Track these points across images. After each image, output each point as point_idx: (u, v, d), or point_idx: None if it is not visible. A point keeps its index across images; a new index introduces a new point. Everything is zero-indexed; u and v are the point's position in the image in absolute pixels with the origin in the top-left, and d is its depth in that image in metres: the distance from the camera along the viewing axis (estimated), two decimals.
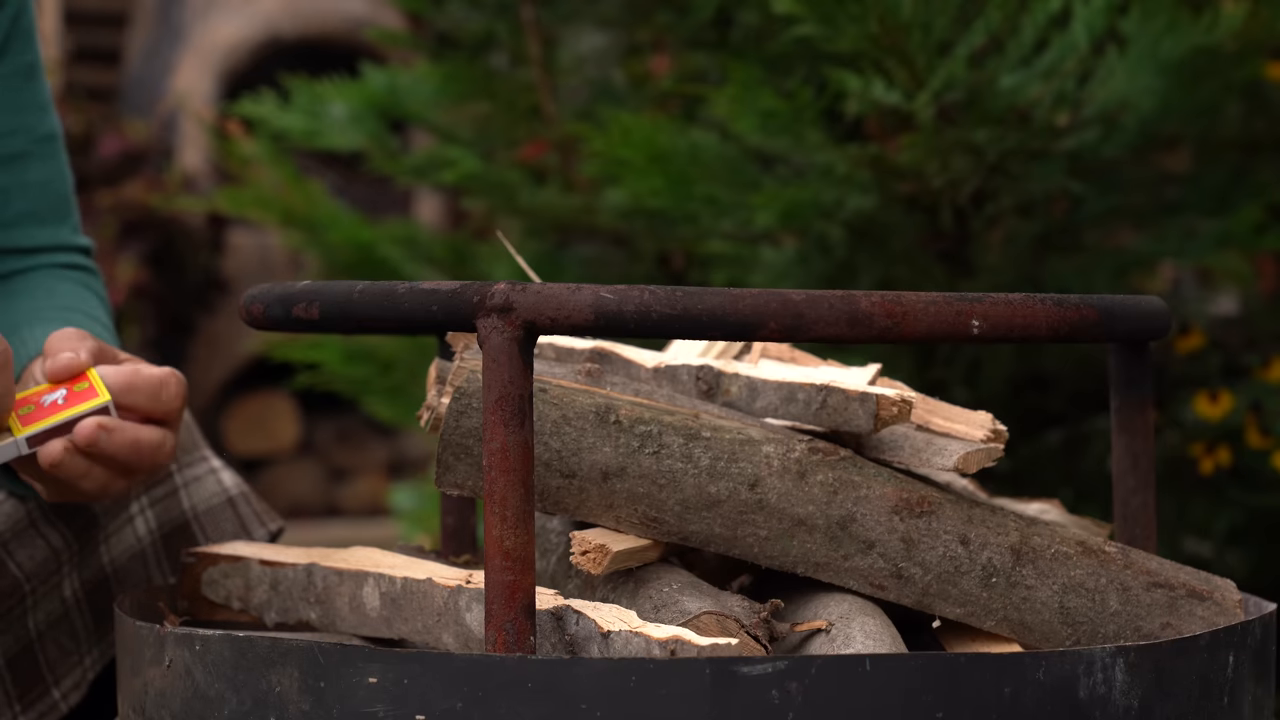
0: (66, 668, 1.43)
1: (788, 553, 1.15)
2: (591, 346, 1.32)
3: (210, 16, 5.56)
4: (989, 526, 1.15)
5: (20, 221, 1.56)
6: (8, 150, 1.54)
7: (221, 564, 1.32)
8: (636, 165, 2.20)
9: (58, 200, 1.59)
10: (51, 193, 1.59)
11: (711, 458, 1.14)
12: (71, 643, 1.44)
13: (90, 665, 1.45)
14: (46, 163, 1.57)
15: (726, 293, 1.05)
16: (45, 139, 1.58)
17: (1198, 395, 2.36)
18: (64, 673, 1.43)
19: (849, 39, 1.98)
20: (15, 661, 1.40)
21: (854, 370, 1.30)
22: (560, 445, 1.14)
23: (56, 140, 1.59)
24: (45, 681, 1.41)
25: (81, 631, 1.45)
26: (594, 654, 1.06)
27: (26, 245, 1.57)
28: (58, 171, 1.59)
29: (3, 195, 1.54)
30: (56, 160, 1.59)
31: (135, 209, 4.95)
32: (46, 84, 1.59)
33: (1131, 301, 1.17)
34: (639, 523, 1.15)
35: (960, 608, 1.15)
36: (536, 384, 1.15)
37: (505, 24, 2.64)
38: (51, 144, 1.58)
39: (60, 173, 1.59)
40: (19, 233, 1.56)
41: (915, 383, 1.75)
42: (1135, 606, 1.16)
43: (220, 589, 1.32)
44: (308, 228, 2.77)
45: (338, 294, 1.10)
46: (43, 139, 1.57)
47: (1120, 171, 2.31)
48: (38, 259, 1.58)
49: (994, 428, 1.18)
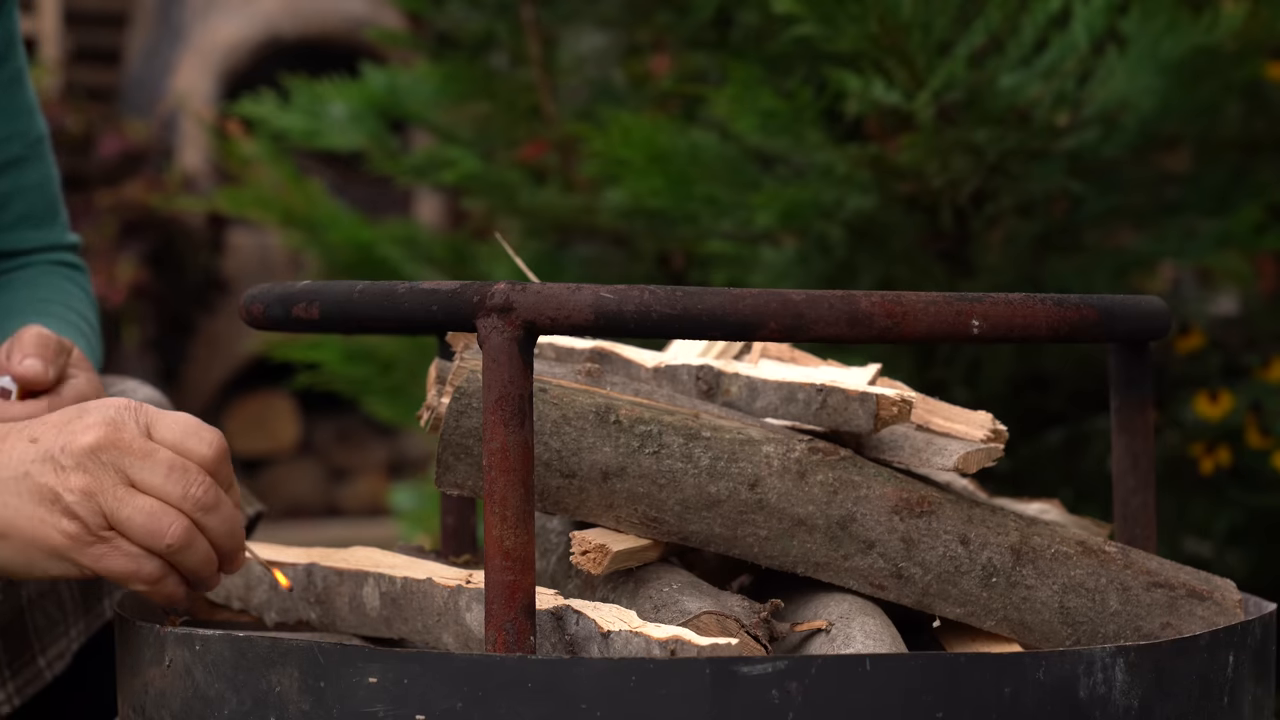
0: (52, 637, 1.44)
1: (788, 553, 1.15)
2: (591, 346, 1.32)
3: (210, 16, 5.56)
4: (989, 526, 1.15)
5: (17, 225, 1.59)
6: (6, 156, 1.57)
7: None
8: (636, 165, 2.20)
9: (51, 201, 1.63)
10: (46, 194, 1.62)
11: (711, 458, 1.14)
12: (58, 612, 1.44)
13: (75, 636, 1.46)
14: (39, 165, 1.61)
15: (726, 293, 1.05)
16: (37, 141, 1.61)
17: (1198, 395, 2.36)
18: (49, 642, 1.44)
19: (849, 39, 1.98)
20: (7, 629, 1.41)
21: (854, 370, 1.30)
22: (560, 445, 1.14)
23: (46, 142, 1.63)
24: (32, 649, 1.42)
25: (68, 602, 1.46)
26: (594, 654, 1.06)
27: (23, 247, 1.61)
28: (49, 173, 1.63)
29: (3, 200, 1.56)
30: (47, 162, 1.63)
31: (135, 209, 4.95)
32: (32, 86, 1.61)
33: (1131, 301, 1.17)
34: (639, 523, 1.15)
35: (960, 608, 1.15)
36: (536, 384, 1.15)
37: (505, 24, 2.64)
38: (42, 146, 1.62)
39: (51, 174, 1.64)
40: (16, 235, 1.60)
41: (915, 383, 1.75)
42: (1135, 606, 1.16)
43: (220, 588, 1.32)
44: (308, 228, 2.77)
45: (338, 294, 1.10)
46: (35, 142, 1.61)
47: (1120, 171, 2.31)
48: (31, 259, 1.61)
49: (994, 428, 1.18)
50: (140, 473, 1.07)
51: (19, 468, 1.08)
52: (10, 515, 1.08)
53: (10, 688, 1.40)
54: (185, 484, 1.08)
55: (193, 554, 1.09)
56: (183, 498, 1.08)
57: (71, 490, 1.07)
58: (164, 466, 1.08)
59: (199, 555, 1.09)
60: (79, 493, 1.07)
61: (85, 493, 1.07)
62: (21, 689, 1.41)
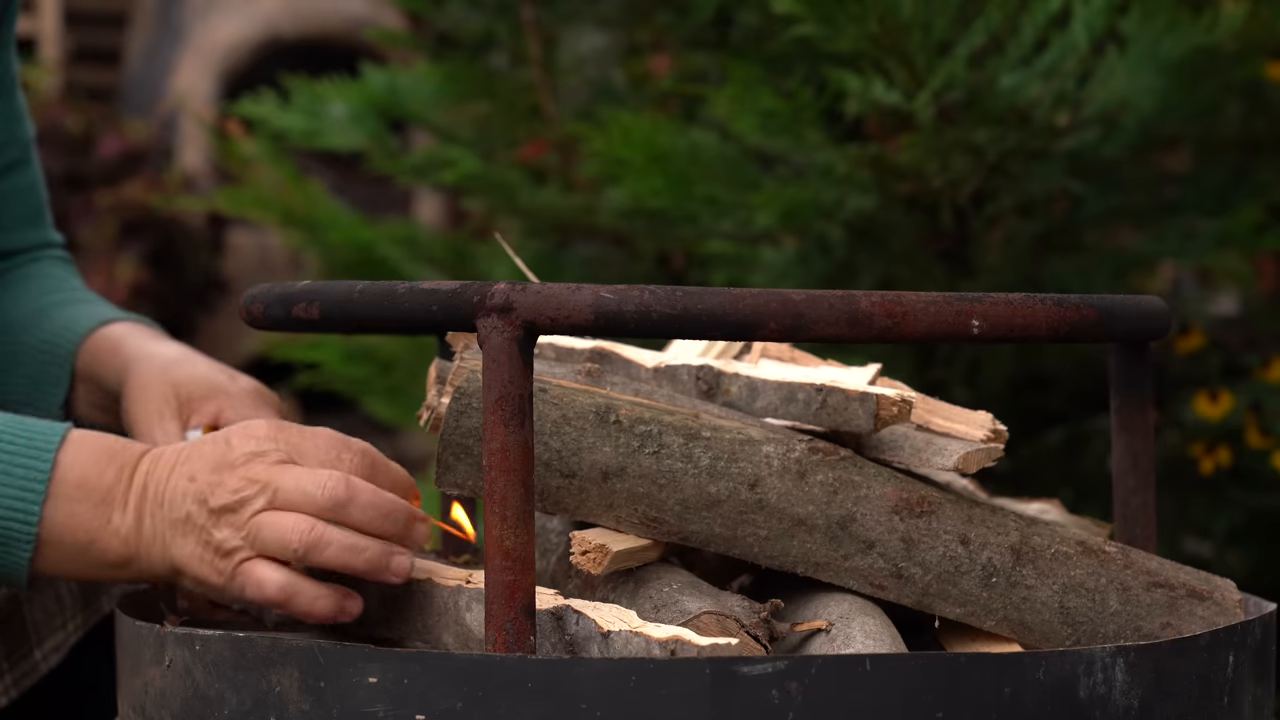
0: (50, 630, 1.45)
1: (788, 553, 1.15)
2: (592, 346, 1.32)
3: (210, 16, 5.57)
4: (989, 526, 1.15)
5: (15, 224, 1.63)
6: (6, 160, 1.60)
7: None
8: (636, 165, 2.20)
9: (43, 201, 1.67)
10: (38, 195, 1.66)
11: (711, 457, 1.14)
12: (56, 605, 1.46)
13: (73, 630, 1.47)
14: (32, 167, 1.66)
15: (726, 293, 1.05)
16: (29, 144, 1.66)
17: (1198, 395, 2.36)
18: (47, 634, 1.45)
19: (849, 39, 1.98)
20: (6, 622, 1.42)
21: (854, 370, 1.30)
22: (560, 445, 1.14)
23: (34, 144, 1.66)
24: (29, 642, 1.44)
25: (66, 597, 1.47)
26: (594, 654, 1.06)
27: (21, 245, 1.64)
28: (39, 175, 1.67)
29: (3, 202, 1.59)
30: (36, 164, 1.67)
31: (135, 209, 4.95)
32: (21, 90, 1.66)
33: (1131, 301, 1.17)
34: (639, 523, 1.15)
35: (960, 608, 1.15)
36: (536, 384, 1.15)
37: (505, 24, 2.64)
38: (33, 149, 1.66)
39: (40, 176, 1.68)
40: (15, 235, 1.64)
41: (915, 383, 1.75)
42: (1135, 606, 1.16)
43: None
44: (308, 228, 2.77)
45: (338, 294, 1.10)
46: (28, 145, 1.65)
47: (1120, 171, 2.31)
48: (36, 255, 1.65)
49: (994, 428, 1.18)
50: (279, 499, 1.13)
51: (181, 509, 1.15)
52: (184, 557, 1.15)
53: (8, 679, 1.41)
54: (314, 493, 1.13)
55: (330, 551, 1.12)
56: (312, 505, 1.13)
57: (222, 538, 1.14)
58: (299, 483, 1.13)
59: (335, 550, 1.12)
60: (229, 532, 1.14)
61: (234, 529, 1.13)
62: (19, 681, 1.42)
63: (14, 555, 1.17)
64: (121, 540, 1.16)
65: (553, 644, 1.09)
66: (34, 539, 1.17)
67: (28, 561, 1.18)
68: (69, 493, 1.17)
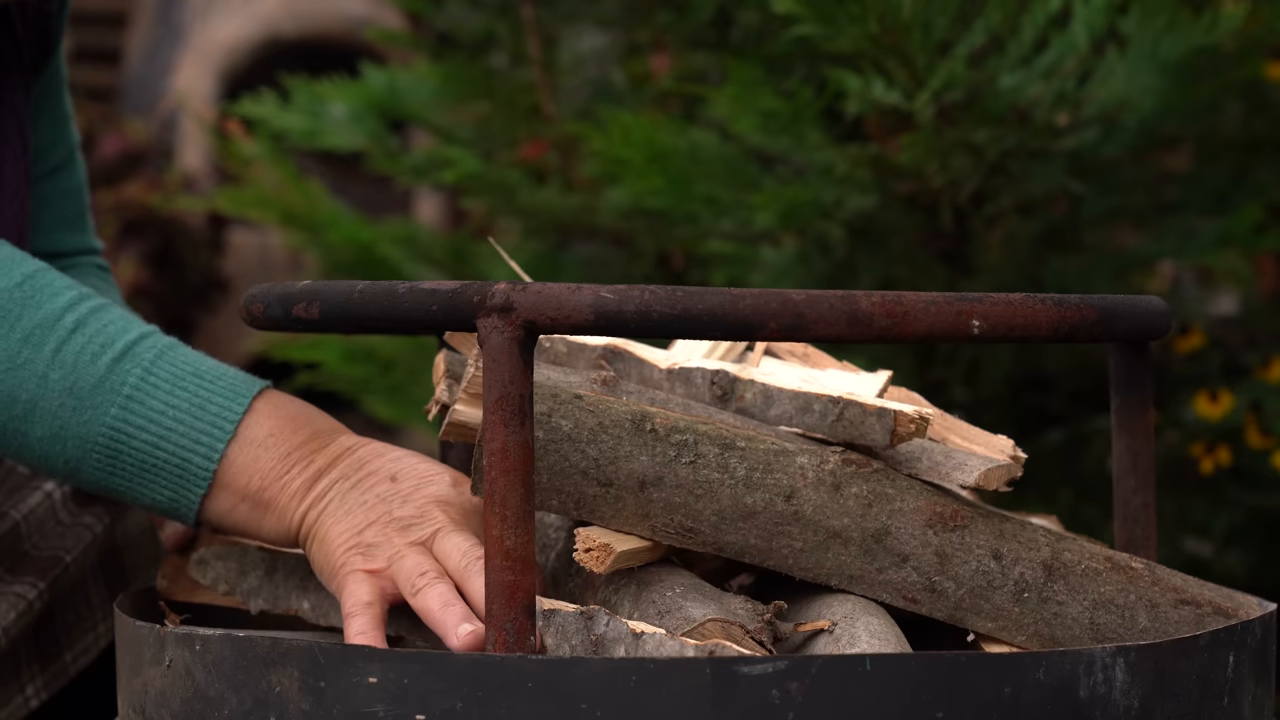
0: (80, 633, 1.47)
1: (823, 565, 1.14)
2: (605, 344, 1.31)
3: (210, 16, 5.56)
4: (1020, 541, 1.15)
5: (57, 226, 1.62)
6: (54, 162, 1.60)
7: (217, 544, 1.32)
8: (636, 165, 2.20)
9: (85, 206, 1.66)
10: (81, 199, 1.65)
11: (747, 468, 1.13)
12: (86, 609, 1.47)
13: (103, 633, 1.48)
14: (77, 171, 1.64)
15: (726, 293, 1.05)
16: (74, 148, 1.64)
17: (1198, 395, 2.35)
18: (77, 637, 1.46)
19: (849, 39, 1.98)
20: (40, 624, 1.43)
21: (865, 376, 1.29)
22: (597, 453, 1.13)
23: (79, 148, 1.65)
24: (60, 644, 1.45)
25: (94, 597, 1.48)
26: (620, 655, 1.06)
27: (62, 249, 1.62)
28: (83, 179, 1.66)
29: (45, 204, 1.59)
30: (80, 167, 1.65)
31: (135, 209, 4.94)
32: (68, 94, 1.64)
33: (1131, 301, 1.17)
34: (675, 533, 1.14)
35: (992, 622, 1.14)
36: (572, 390, 1.15)
37: (505, 24, 2.64)
38: (79, 152, 1.65)
39: (84, 179, 1.66)
40: (56, 237, 1.62)
41: (915, 383, 1.75)
42: (1163, 623, 1.15)
43: (209, 570, 1.31)
44: (308, 228, 2.77)
45: (338, 294, 1.10)
46: (74, 148, 1.64)
47: (1120, 171, 2.31)
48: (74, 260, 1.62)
49: (1014, 453, 1.18)
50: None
51: (373, 491, 1.19)
52: (354, 523, 1.19)
53: (39, 681, 1.42)
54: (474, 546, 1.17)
55: (477, 581, 1.14)
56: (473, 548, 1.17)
57: (407, 514, 1.19)
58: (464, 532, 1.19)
59: (478, 586, 1.13)
60: (413, 510, 1.19)
61: (419, 514, 1.19)
62: (49, 683, 1.44)
63: (188, 492, 1.20)
64: (290, 495, 1.19)
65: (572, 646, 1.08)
66: (210, 477, 1.19)
67: (199, 500, 1.20)
68: (259, 439, 1.20)
